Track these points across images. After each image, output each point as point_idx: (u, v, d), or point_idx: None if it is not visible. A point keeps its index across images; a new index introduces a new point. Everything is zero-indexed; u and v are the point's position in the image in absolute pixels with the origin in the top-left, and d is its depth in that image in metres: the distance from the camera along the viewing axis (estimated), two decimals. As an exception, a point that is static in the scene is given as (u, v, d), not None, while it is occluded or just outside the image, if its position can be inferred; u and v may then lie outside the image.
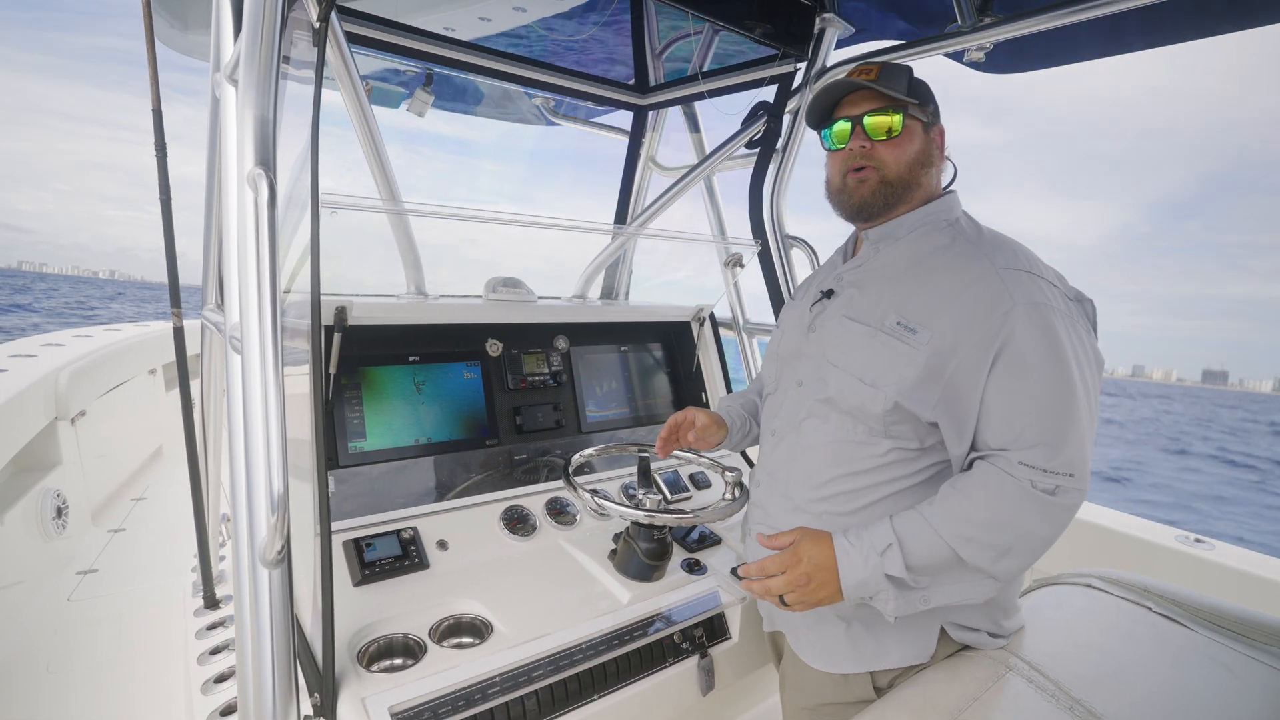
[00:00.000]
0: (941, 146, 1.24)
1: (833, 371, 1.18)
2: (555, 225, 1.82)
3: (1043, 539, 1.00)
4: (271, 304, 0.91)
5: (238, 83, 0.98)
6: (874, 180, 1.20)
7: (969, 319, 1.04)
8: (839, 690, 1.23)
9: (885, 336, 1.12)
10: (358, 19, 1.85)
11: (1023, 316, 1.01)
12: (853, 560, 1.05)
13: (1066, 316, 1.04)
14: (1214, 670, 1.12)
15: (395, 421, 1.69)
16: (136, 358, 3.52)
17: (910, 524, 1.04)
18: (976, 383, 1.03)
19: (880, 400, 1.11)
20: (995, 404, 1.02)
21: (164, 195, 1.74)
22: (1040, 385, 1.00)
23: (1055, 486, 0.97)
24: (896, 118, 1.18)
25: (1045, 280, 1.07)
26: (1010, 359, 1.01)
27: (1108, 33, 1.72)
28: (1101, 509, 2.16)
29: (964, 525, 1.00)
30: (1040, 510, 0.97)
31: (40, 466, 2.49)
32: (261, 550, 0.90)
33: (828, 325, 1.24)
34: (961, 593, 1.04)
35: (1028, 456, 0.98)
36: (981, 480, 1.02)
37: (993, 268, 1.07)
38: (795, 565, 1.08)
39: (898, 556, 1.02)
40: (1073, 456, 0.98)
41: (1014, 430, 1.00)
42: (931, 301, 1.09)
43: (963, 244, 1.15)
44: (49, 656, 1.85)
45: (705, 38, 2.33)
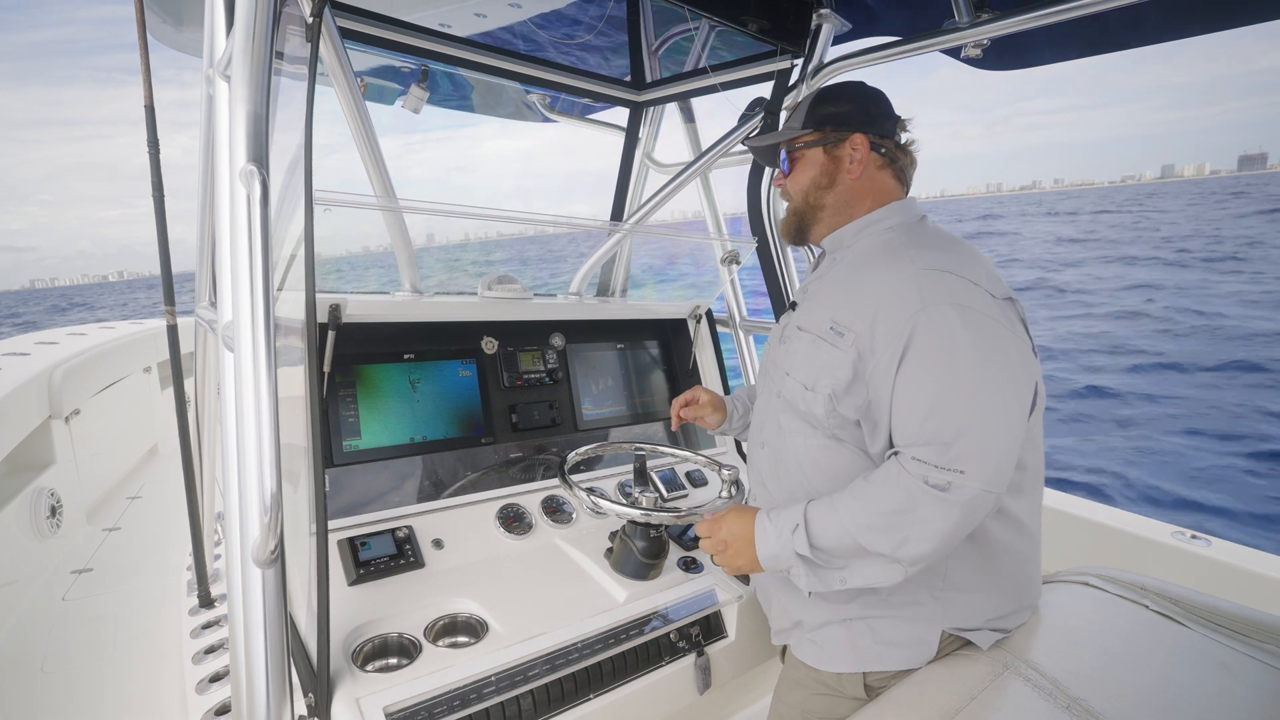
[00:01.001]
0: (863, 156, 1.26)
1: (786, 380, 1.27)
2: (552, 222, 1.81)
3: (941, 531, 1.02)
4: (264, 301, 0.91)
5: (230, 79, 0.97)
6: (789, 211, 1.36)
7: (885, 319, 1.09)
8: (830, 688, 1.25)
9: (821, 342, 1.19)
10: (352, 14, 1.83)
11: (929, 316, 1.05)
12: (767, 534, 1.16)
13: (982, 315, 1.06)
14: (1211, 668, 1.12)
15: (390, 420, 1.68)
16: (131, 356, 3.51)
17: (820, 509, 1.11)
18: (887, 382, 1.08)
19: (819, 402, 1.17)
20: (898, 402, 1.07)
21: (157, 192, 1.73)
22: (935, 383, 1.03)
23: (948, 483, 1.00)
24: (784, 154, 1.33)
25: (966, 280, 1.08)
26: (913, 357, 1.05)
27: (1105, 29, 1.72)
28: (1096, 505, 2.16)
29: (864, 514, 1.06)
30: (934, 504, 1.00)
31: (34, 465, 2.48)
32: (255, 550, 0.89)
33: (790, 337, 1.32)
34: (873, 575, 1.08)
35: (920, 453, 1.02)
36: (883, 474, 1.07)
37: (913, 269, 1.11)
38: (716, 532, 1.25)
39: (804, 537, 1.10)
40: (967, 453, 1.00)
41: (911, 427, 1.05)
42: (857, 304, 1.15)
43: (894, 247, 1.19)
44: (43, 656, 1.84)
45: (702, 34, 2.32)
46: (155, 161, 1.70)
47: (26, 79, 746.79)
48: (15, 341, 3.20)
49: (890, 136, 1.29)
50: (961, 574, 1.16)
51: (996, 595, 1.19)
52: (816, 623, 1.26)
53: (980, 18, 1.73)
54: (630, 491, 1.53)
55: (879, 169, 1.28)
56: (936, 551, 1.04)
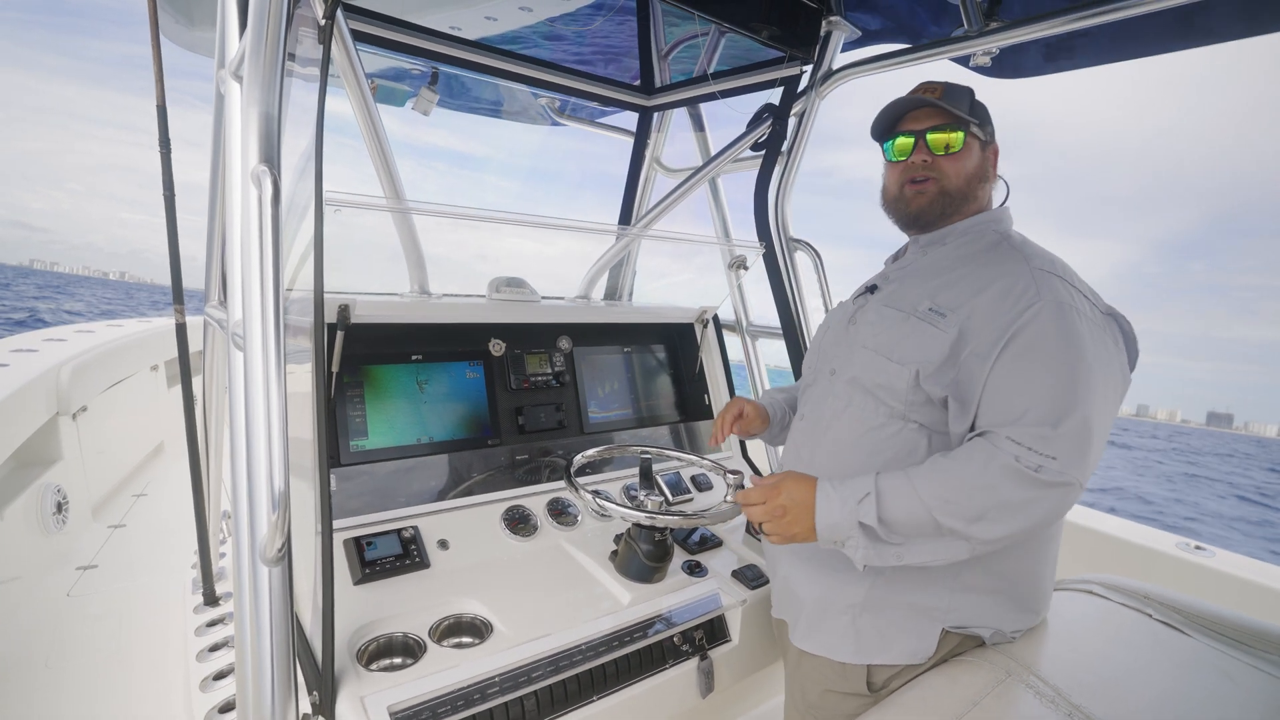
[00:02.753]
0: (995, 164, 1.30)
1: (861, 352, 1.25)
2: (560, 226, 1.82)
3: (1020, 513, 1.01)
4: (274, 301, 0.91)
5: (242, 79, 0.97)
6: (933, 191, 1.27)
7: (994, 304, 1.10)
8: (836, 680, 1.25)
9: (916, 320, 1.19)
10: (363, 17, 1.85)
11: (1045, 310, 1.06)
12: (831, 502, 1.11)
13: (1091, 322, 1.08)
14: (1214, 678, 1.12)
15: (397, 420, 1.69)
16: (138, 354, 3.52)
17: (893, 480, 1.09)
18: (986, 363, 1.08)
19: (904, 376, 1.16)
20: (999, 385, 1.07)
21: (168, 192, 1.74)
22: (1045, 371, 1.03)
23: (1039, 465, 0.99)
24: (958, 134, 1.24)
25: (1077, 289, 1.12)
26: (1021, 343, 1.06)
27: (1113, 38, 1.72)
28: (1103, 515, 2.16)
29: (943, 487, 1.04)
30: (1020, 483, 1.00)
31: (41, 462, 2.49)
32: (262, 548, 0.90)
33: (867, 315, 1.31)
34: (935, 553, 1.07)
35: (1016, 433, 1.02)
36: (969, 450, 1.06)
37: (1028, 267, 1.13)
38: (774, 497, 1.16)
39: (873, 506, 1.07)
40: (1064, 443, 1.00)
41: (1010, 409, 1.04)
42: (963, 289, 1.16)
43: (1005, 247, 1.21)
44: (48, 652, 1.85)
45: (711, 39, 2.33)
46: (166, 162, 1.71)
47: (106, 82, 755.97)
48: (24, 338, 3.22)
49: None
50: (976, 576, 1.17)
51: (1005, 602, 1.19)
52: (819, 611, 1.27)
53: (990, 26, 1.73)
54: (635, 494, 1.53)
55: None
56: (1011, 535, 1.03)
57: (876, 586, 1.20)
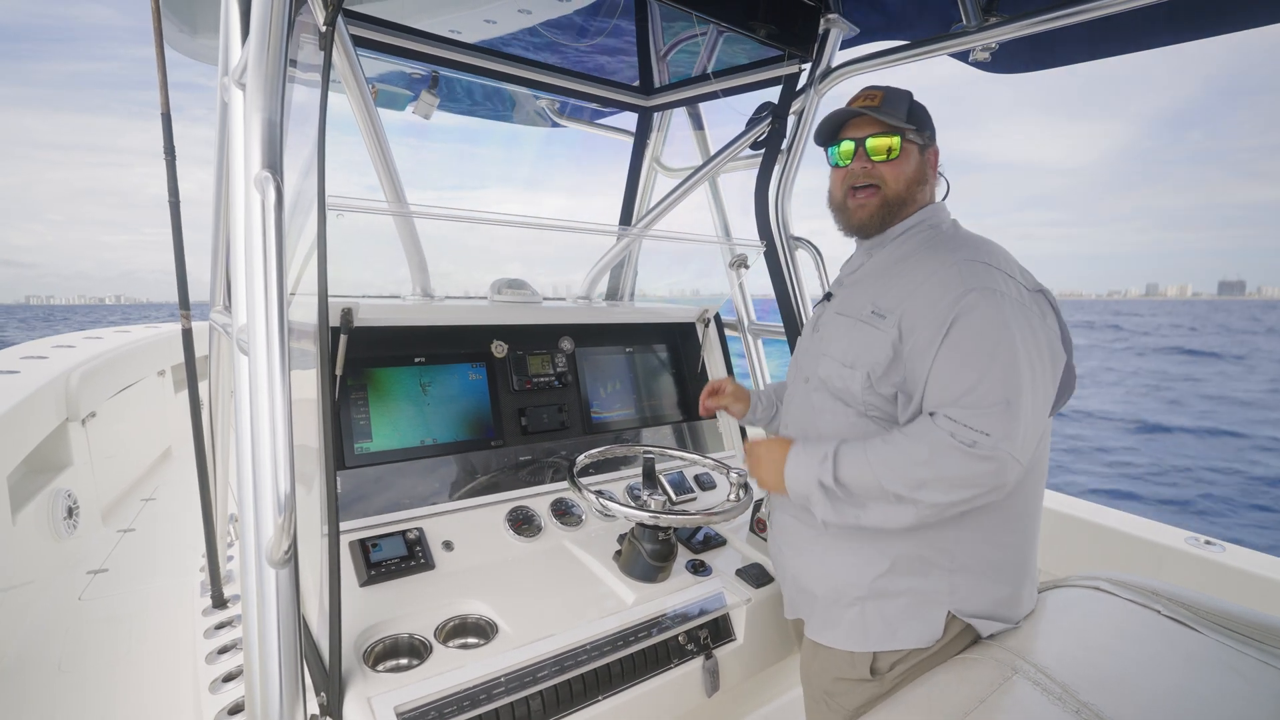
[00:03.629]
0: (935, 166, 1.37)
1: (824, 360, 1.35)
2: (560, 227, 1.82)
3: (958, 483, 1.10)
4: (279, 306, 0.92)
5: (245, 86, 0.98)
6: (875, 203, 1.34)
7: (928, 300, 1.19)
8: (844, 667, 1.29)
9: (862, 324, 1.28)
10: (364, 22, 1.86)
11: (972, 299, 1.14)
12: (799, 459, 1.25)
13: (1017, 304, 1.15)
14: (1223, 674, 1.11)
15: (401, 422, 1.69)
16: (146, 359, 3.55)
17: (850, 447, 1.20)
18: (926, 357, 1.16)
19: (857, 379, 1.26)
20: (937, 371, 1.15)
21: (173, 198, 1.75)
22: (975, 355, 1.12)
23: (973, 441, 1.08)
24: (895, 139, 1.31)
25: (1001, 272, 1.19)
26: (956, 333, 1.14)
27: (1112, 32, 1.71)
28: (1109, 510, 2.15)
29: (890, 457, 1.15)
30: (957, 457, 1.09)
31: (51, 467, 2.51)
32: (268, 550, 0.90)
33: (824, 324, 1.41)
34: (887, 516, 1.17)
35: (953, 412, 1.11)
36: (915, 426, 1.16)
37: (953, 259, 1.21)
38: (754, 451, 1.35)
39: (830, 468, 1.19)
40: (994, 418, 1.08)
41: (947, 392, 1.13)
42: (899, 291, 1.24)
43: (934, 243, 1.29)
44: (60, 655, 1.86)
45: (710, 39, 2.33)
46: (172, 168, 1.73)
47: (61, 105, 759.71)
48: (33, 345, 3.24)
49: None
50: (968, 555, 1.22)
51: (999, 581, 1.24)
52: (829, 604, 1.31)
53: (988, 21, 1.73)
54: (639, 494, 1.53)
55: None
56: (953, 503, 1.11)
57: (881, 576, 1.24)
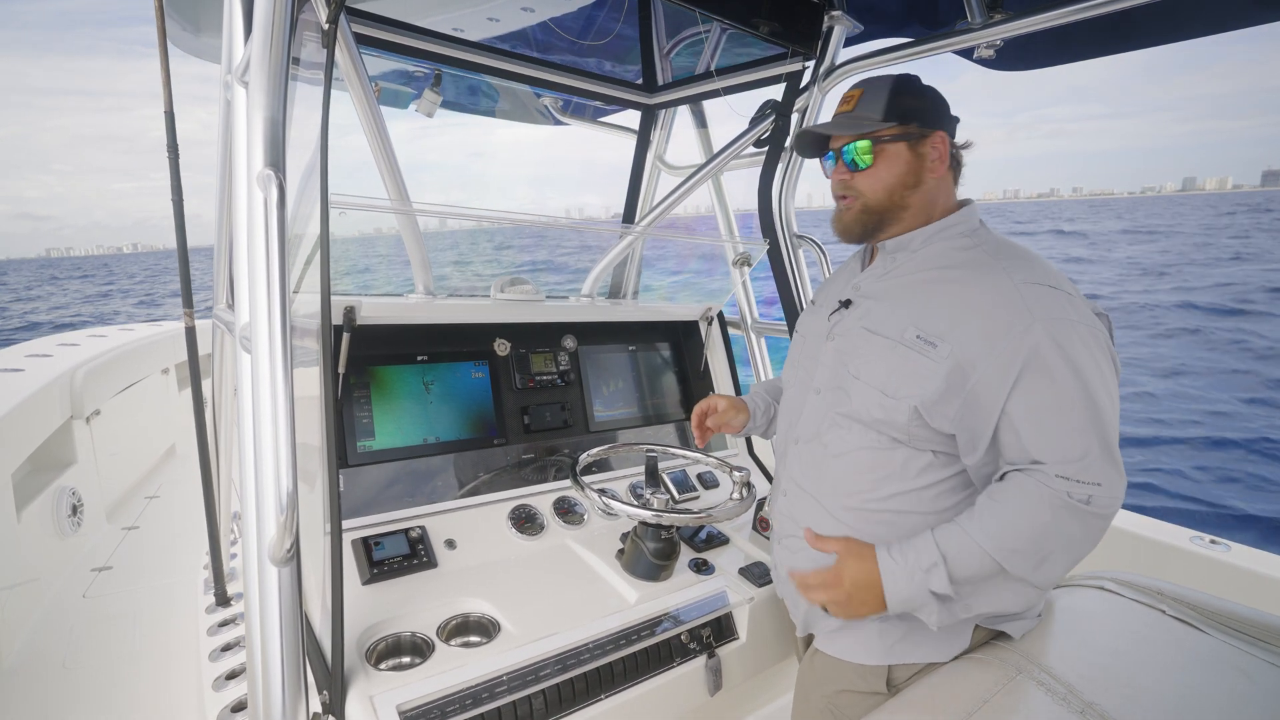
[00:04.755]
0: (943, 155, 1.22)
1: (855, 384, 1.20)
2: (564, 224, 1.82)
3: (1079, 546, 1.03)
4: (281, 304, 0.92)
5: (248, 85, 0.98)
6: (854, 210, 1.26)
7: (989, 334, 1.06)
8: (856, 680, 1.24)
9: (905, 349, 1.14)
10: (366, 20, 1.85)
11: (1045, 333, 1.03)
12: (898, 579, 1.07)
13: (1090, 330, 1.06)
14: (1229, 675, 1.11)
15: (404, 421, 1.70)
16: (150, 357, 3.55)
17: (953, 539, 1.06)
18: (998, 398, 1.05)
19: (902, 410, 1.13)
20: (1023, 419, 1.05)
21: (176, 196, 1.75)
22: (1068, 400, 1.02)
23: (1089, 496, 1.00)
24: (864, 145, 1.21)
25: (1065, 294, 1.08)
26: (1035, 375, 1.03)
27: (1119, 28, 1.70)
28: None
29: (1006, 537, 1.03)
30: (1077, 519, 1.01)
31: (56, 465, 2.52)
32: (271, 548, 0.90)
33: (847, 336, 1.26)
34: (1000, 601, 1.09)
35: (1062, 469, 1.01)
36: (1019, 491, 1.04)
37: (1011, 282, 1.09)
38: (837, 586, 1.11)
39: (943, 574, 1.04)
40: (1102, 466, 1.01)
41: (1046, 444, 1.03)
42: (950, 315, 1.11)
43: (979, 256, 1.16)
44: (65, 652, 1.87)
45: (713, 37, 2.33)
46: (175, 167, 1.73)
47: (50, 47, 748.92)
48: (38, 343, 3.26)
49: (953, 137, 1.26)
50: None
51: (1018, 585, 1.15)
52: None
53: (993, 18, 1.72)
54: (642, 493, 1.53)
55: (949, 169, 1.25)
56: (1067, 570, 1.05)
57: None
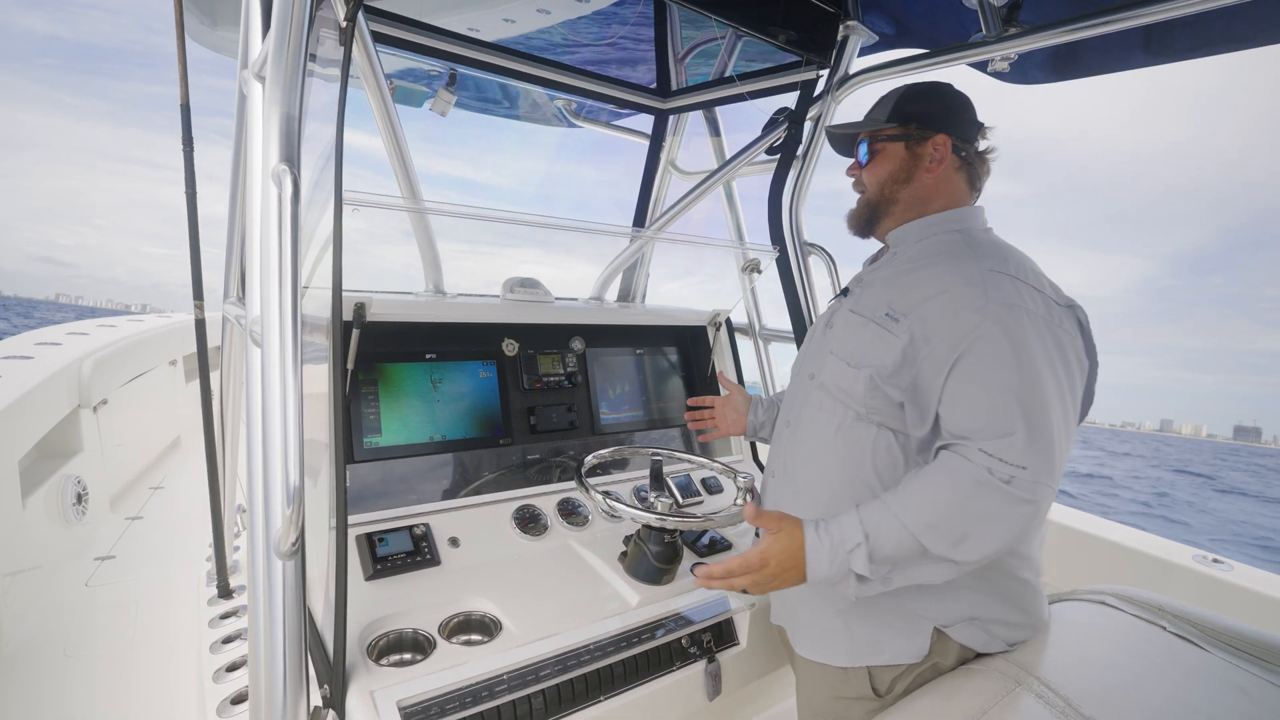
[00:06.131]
0: (944, 156, 1.29)
1: (829, 358, 1.30)
2: (574, 228, 1.83)
3: (1000, 527, 1.02)
4: (292, 298, 0.92)
5: (265, 80, 0.99)
6: (859, 204, 1.38)
7: (945, 312, 1.12)
8: (840, 684, 1.26)
9: (874, 325, 1.22)
10: (383, 18, 1.87)
11: (994, 315, 1.07)
12: (820, 557, 1.10)
13: (1044, 320, 1.08)
14: (1229, 693, 1.10)
15: (410, 418, 1.70)
16: (158, 348, 3.57)
17: (877, 516, 1.08)
18: (940, 372, 1.10)
19: (860, 380, 1.19)
20: (959, 395, 1.08)
21: (189, 188, 1.76)
22: (1003, 380, 1.04)
23: (1011, 477, 1.01)
24: (866, 143, 1.35)
25: (1028, 285, 1.11)
26: (976, 354, 1.07)
27: (1133, 45, 1.70)
28: (1116, 525, 2.13)
29: (925, 511, 1.04)
30: (996, 498, 1.01)
31: (62, 453, 2.53)
32: (276, 542, 0.91)
33: (838, 320, 1.35)
34: (922, 575, 1.08)
35: (987, 445, 1.03)
36: (943, 466, 1.07)
37: (978, 269, 1.14)
38: (761, 569, 1.14)
39: (864, 555, 1.07)
40: (1030, 450, 1.01)
41: (975, 420, 1.06)
42: (916, 295, 1.18)
43: (960, 248, 1.22)
44: (66, 640, 1.88)
45: (728, 43, 2.33)
46: (189, 160, 1.74)
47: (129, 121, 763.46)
48: (47, 331, 3.27)
49: (972, 141, 1.32)
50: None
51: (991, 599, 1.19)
52: (813, 616, 1.29)
53: (1008, 32, 1.72)
54: (646, 496, 1.53)
55: (955, 171, 1.30)
56: (995, 552, 1.04)
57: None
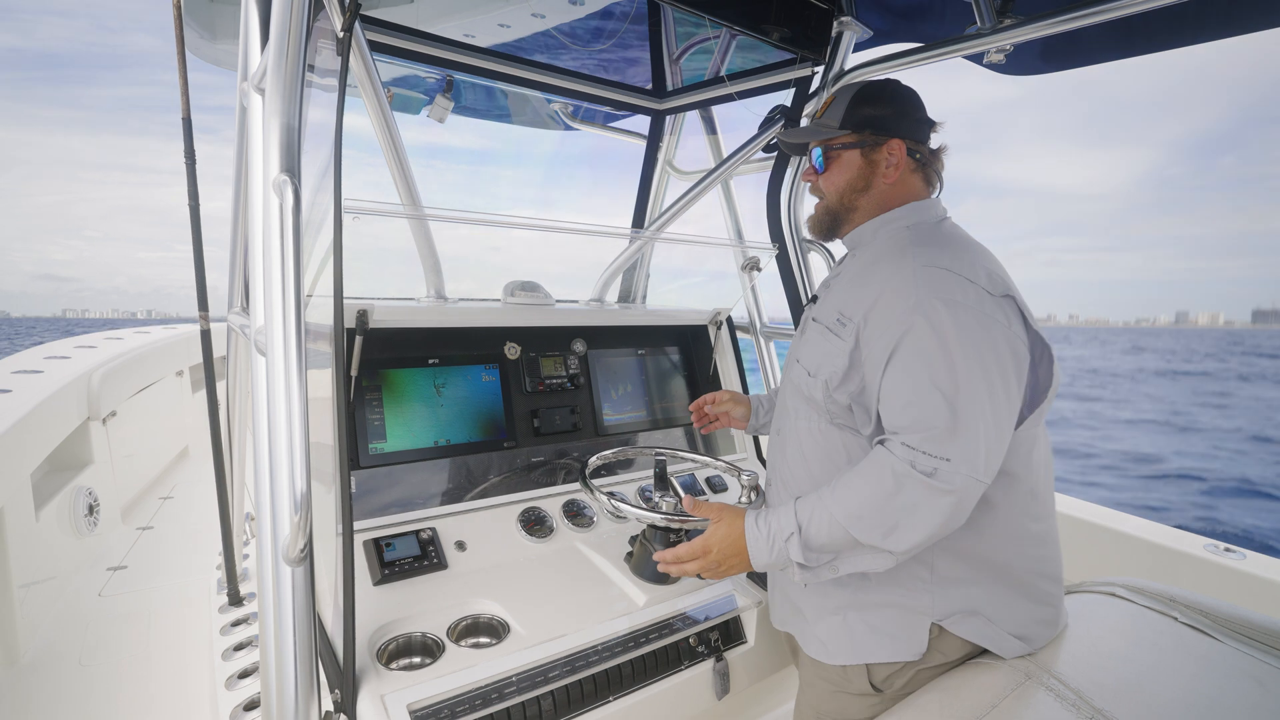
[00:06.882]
0: (898, 161, 1.27)
1: (795, 367, 1.33)
2: (573, 230, 1.83)
3: (927, 518, 1.03)
4: (295, 307, 0.93)
5: (264, 91, 1.00)
6: (819, 208, 1.38)
7: (880, 313, 1.13)
8: (839, 683, 1.26)
9: (828, 332, 1.24)
10: (380, 28, 1.88)
11: (922, 311, 1.08)
12: (759, 546, 1.15)
13: (974, 312, 1.07)
14: (1242, 682, 1.10)
15: (415, 423, 1.71)
16: (164, 359, 3.60)
17: (810, 508, 1.11)
18: (877, 371, 1.12)
19: (818, 387, 1.23)
20: (889, 390, 1.10)
21: (193, 201, 1.78)
22: (923, 373, 1.06)
23: (934, 469, 1.01)
24: (819, 152, 1.33)
25: (960, 277, 1.10)
26: (905, 349, 1.08)
27: (1127, 34, 1.70)
28: (1126, 516, 2.12)
29: (853, 503, 1.07)
30: (920, 490, 1.02)
31: (73, 465, 2.55)
32: (285, 549, 0.92)
33: (808, 328, 1.36)
34: (863, 563, 1.10)
35: (909, 439, 1.04)
36: (872, 460, 1.09)
37: (912, 266, 1.14)
38: (705, 555, 1.20)
39: (798, 543, 1.10)
40: (952, 441, 1.02)
41: (902, 415, 1.07)
42: (861, 297, 1.19)
43: (903, 245, 1.22)
44: (80, 650, 1.89)
45: (723, 42, 2.34)
46: (191, 173, 1.76)
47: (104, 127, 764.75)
48: (56, 345, 3.30)
49: (925, 141, 1.31)
50: (948, 568, 1.17)
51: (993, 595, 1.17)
52: (814, 615, 1.28)
53: (1003, 23, 1.72)
54: (650, 496, 1.54)
55: (911, 172, 1.30)
56: (925, 540, 1.05)
57: (861, 589, 1.21)
